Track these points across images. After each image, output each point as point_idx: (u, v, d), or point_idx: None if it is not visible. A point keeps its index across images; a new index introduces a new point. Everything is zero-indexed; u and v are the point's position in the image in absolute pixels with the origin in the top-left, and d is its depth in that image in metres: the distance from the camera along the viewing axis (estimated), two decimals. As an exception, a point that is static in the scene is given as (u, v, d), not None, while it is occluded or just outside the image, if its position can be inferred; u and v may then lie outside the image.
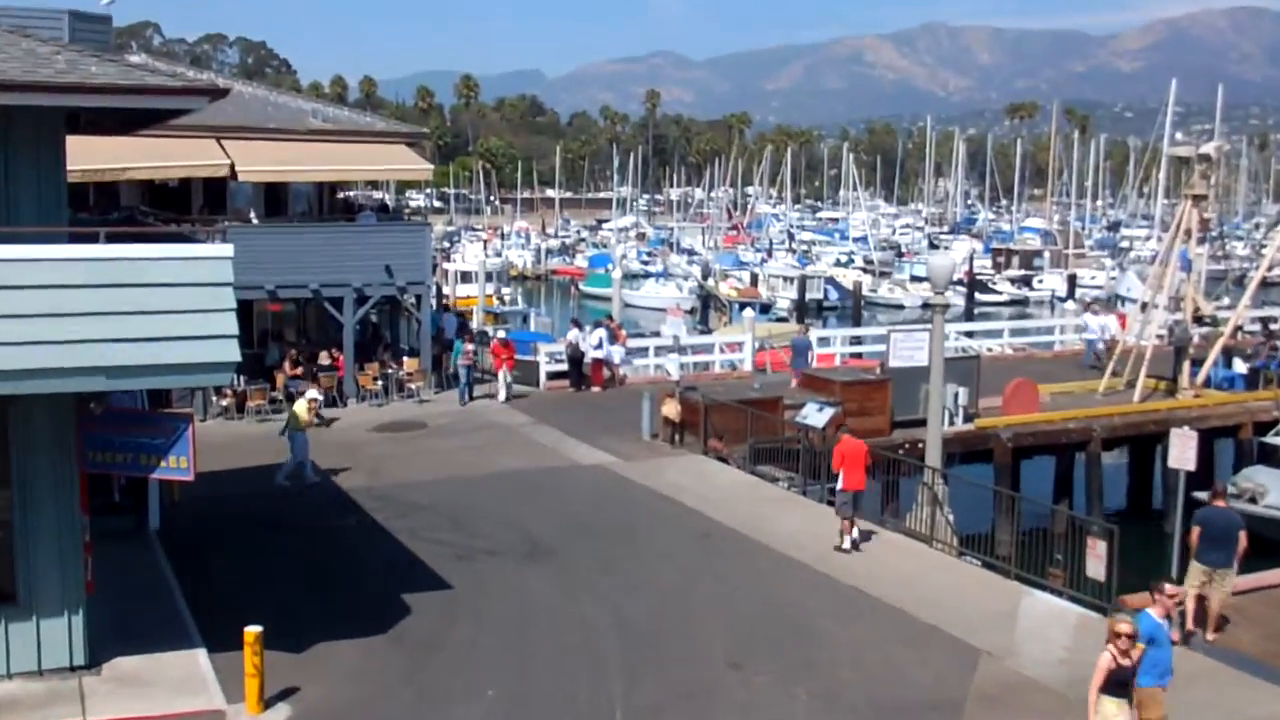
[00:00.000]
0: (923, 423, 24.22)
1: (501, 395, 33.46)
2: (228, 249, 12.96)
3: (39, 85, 12.51)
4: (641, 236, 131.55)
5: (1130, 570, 17.60)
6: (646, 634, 16.38)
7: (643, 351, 40.46)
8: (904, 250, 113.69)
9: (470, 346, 33.85)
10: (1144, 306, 34.60)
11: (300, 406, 25.35)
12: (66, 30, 19.43)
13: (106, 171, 29.53)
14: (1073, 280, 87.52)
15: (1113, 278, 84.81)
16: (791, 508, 23.04)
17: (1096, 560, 17.30)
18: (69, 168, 14.07)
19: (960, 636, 16.30)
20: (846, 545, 20.16)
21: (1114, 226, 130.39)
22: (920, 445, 24.55)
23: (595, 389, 35.52)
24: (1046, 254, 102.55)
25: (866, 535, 20.85)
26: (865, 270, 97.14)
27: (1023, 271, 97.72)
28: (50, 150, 13.66)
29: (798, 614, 17.22)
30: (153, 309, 12.25)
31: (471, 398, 33.34)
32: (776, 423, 26.76)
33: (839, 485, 20.49)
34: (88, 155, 25.08)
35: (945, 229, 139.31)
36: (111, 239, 12.92)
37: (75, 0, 21.31)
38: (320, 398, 28.44)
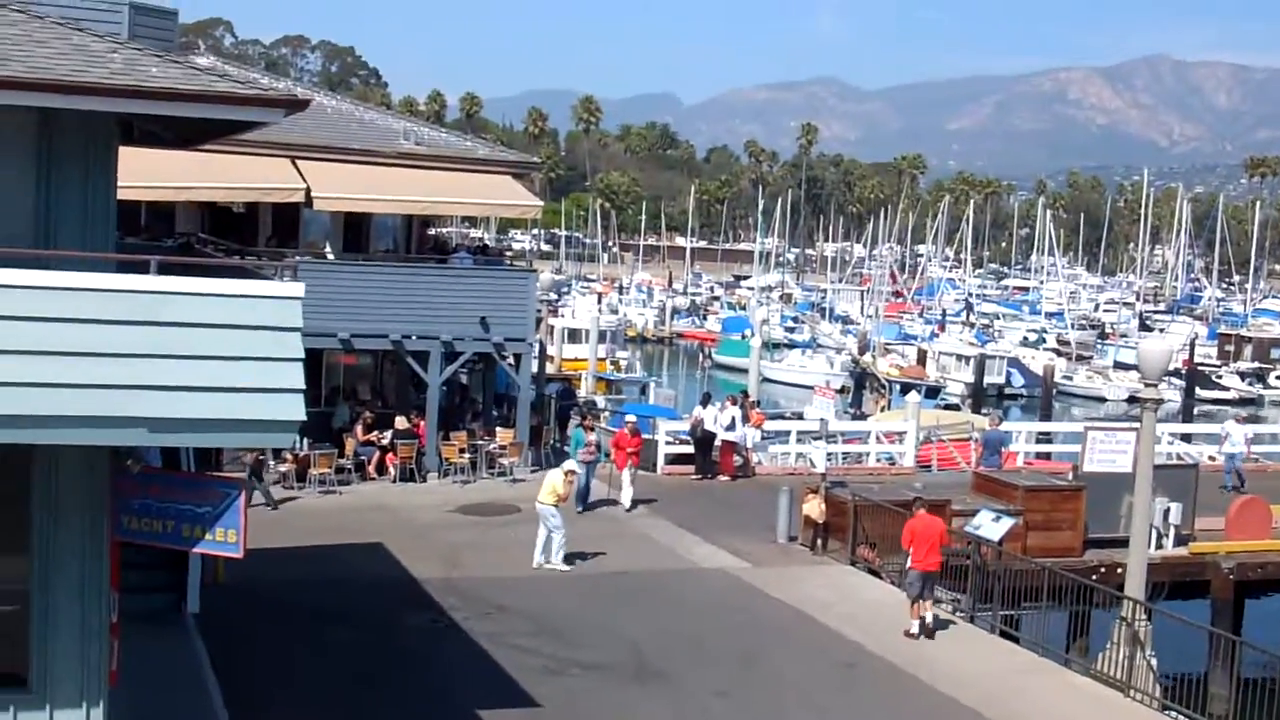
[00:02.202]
0: (1124, 543, 23.66)
1: (625, 500, 31.70)
2: (298, 288, 13.05)
3: (89, 87, 12.80)
4: (787, 298, 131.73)
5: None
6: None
7: (783, 436, 40.26)
8: (1108, 331, 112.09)
9: (593, 438, 32.79)
10: None
11: (557, 478, 26.21)
12: (126, 24, 20.00)
13: (163, 190, 30.35)
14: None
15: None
16: (956, 636, 22.64)
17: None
18: (120, 184, 14.42)
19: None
20: (915, 630, 21.67)
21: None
22: (1119, 571, 23.98)
23: (723, 478, 35.43)
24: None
25: (943, 624, 22.27)
26: (1059, 353, 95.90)
27: (1257, 364, 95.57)
28: (100, 163, 13.97)
29: (958, 769, 16.84)
30: (206, 354, 12.38)
31: (587, 505, 31.32)
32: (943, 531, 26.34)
33: (908, 563, 22.27)
34: (142, 171, 25.75)
35: (1161, 307, 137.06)
36: (164, 270, 13.13)
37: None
38: (578, 470, 28.95)
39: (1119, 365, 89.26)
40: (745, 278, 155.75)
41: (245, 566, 16.75)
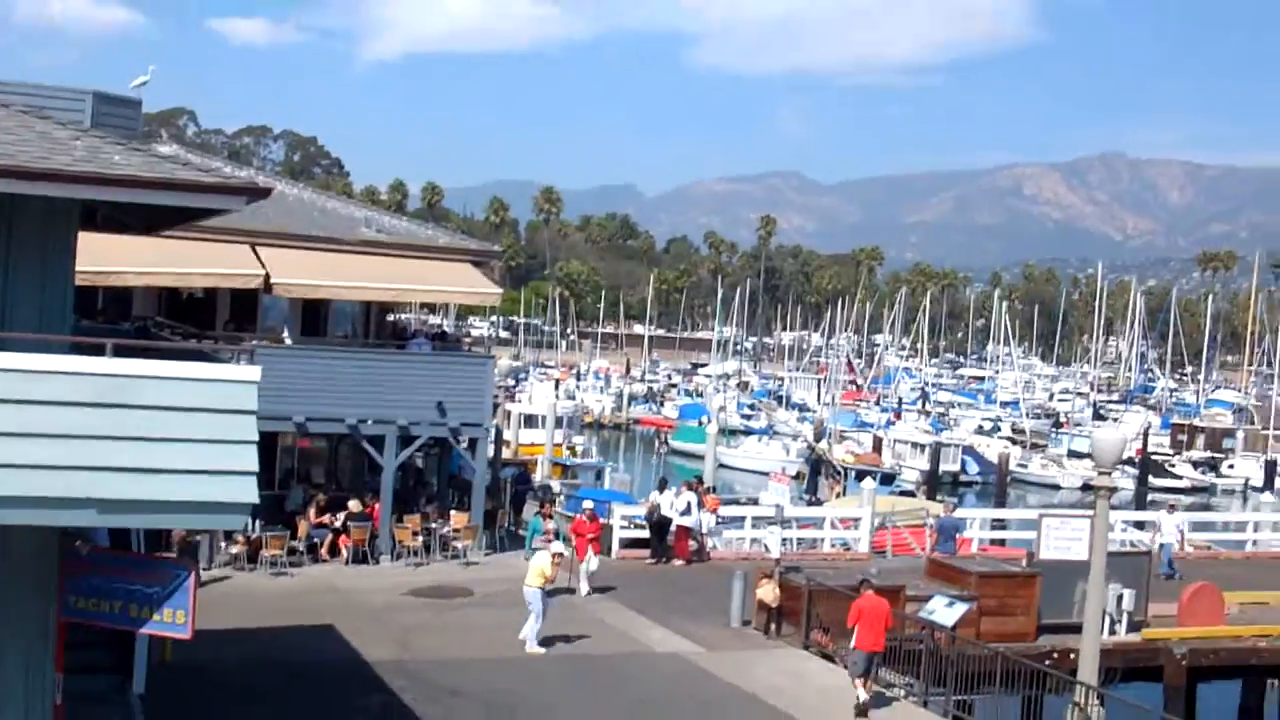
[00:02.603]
0: (1077, 629, 23.80)
1: (583, 588, 31.25)
2: (254, 372, 13.15)
3: (51, 174, 12.93)
4: (744, 386, 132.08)
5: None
6: None
7: (738, 521, 40.28)
8: (1063, 419, 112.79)
9: (551, 525, 32.32)
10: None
11: (544, 561, 26.36)
12: (90, 113, 20.20)
13: (122, 275, 30.35)
14: (1272, 467, 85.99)
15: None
16: (908, 722, 22.63)
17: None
18: (79, 268, 14.50)
19: None
20: (864, 698, 22.26)
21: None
22: (1072, 656, 24.09)
23: (678, 562, 35.41)
24: (1241, 434, 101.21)
25: (887, 703, 22.52)
26: (1014, 441, 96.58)
27: (1209, 454, 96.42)
28: (59, 248, 14.08)
29: None
30: (161, 435, 12.43)
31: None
32: (896, 617, 26.40)
33: (852, 643, 22.74)
34: (100, 255, 25.83)
35: (1115, 397, 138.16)
36: (120, 352, 13.21)
37: (103, 80, 22.27)
38: (564, 552, 28.95)
39: (1073, 454, 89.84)
40: (703, 365, 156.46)
41: (194, 647, 16.70)
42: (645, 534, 36.32)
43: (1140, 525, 46.77)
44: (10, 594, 13.65)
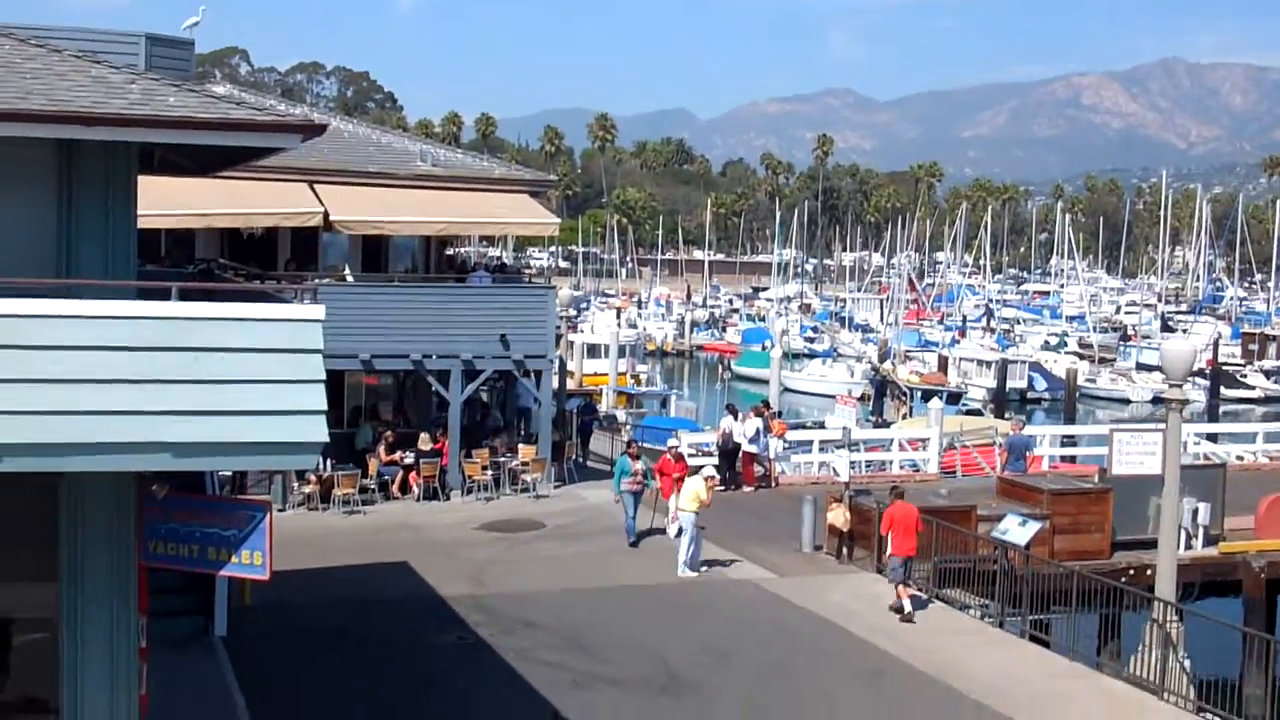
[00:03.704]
0: (1152, 544, 23.61)
1: (672, 529, 29.23)
2: (318, 310, 13.14)
3: (109, 118, 12.93)
4: (806, 309, 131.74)
5: None
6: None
7: (805, 446, 40.22)
8: (1131, 332, 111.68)
9: (639, 466, 30.25)
10: None
11: (698, 485, 26.90)
12: (143, 56, 20.22)
13: (183, 218, 30.55)
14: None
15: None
16: (985, 642, 22.62)
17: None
18: (140, 212, 14.53)
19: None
20: (908, 606, 23.41)
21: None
22: (1149, 573, 23.90)
23: (747, 489, 35.40)
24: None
25: (920, 603, 23.97)
26: (1081, 356, 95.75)
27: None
28: (120, 192, 14.09)
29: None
30: (228, 378, 12.44)
31: (637, 537, 29.74)
32: (968, 538, 26.30)
33: (888, 550, 24.30)
34: (162, 199, 25.96)
35: (1183, 308, 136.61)
36: (185, 296, 13.24)
37: (155, 23, 22.23)
38: (715, 476, 29.19)
39: (1142, 367, 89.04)
40: (764, 289, 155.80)
41: (272, 588, 16.85)
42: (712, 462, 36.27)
43: (1213, 438, 46.36)
44: (91, 541, 13.79)
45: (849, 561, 27.74)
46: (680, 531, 27.79)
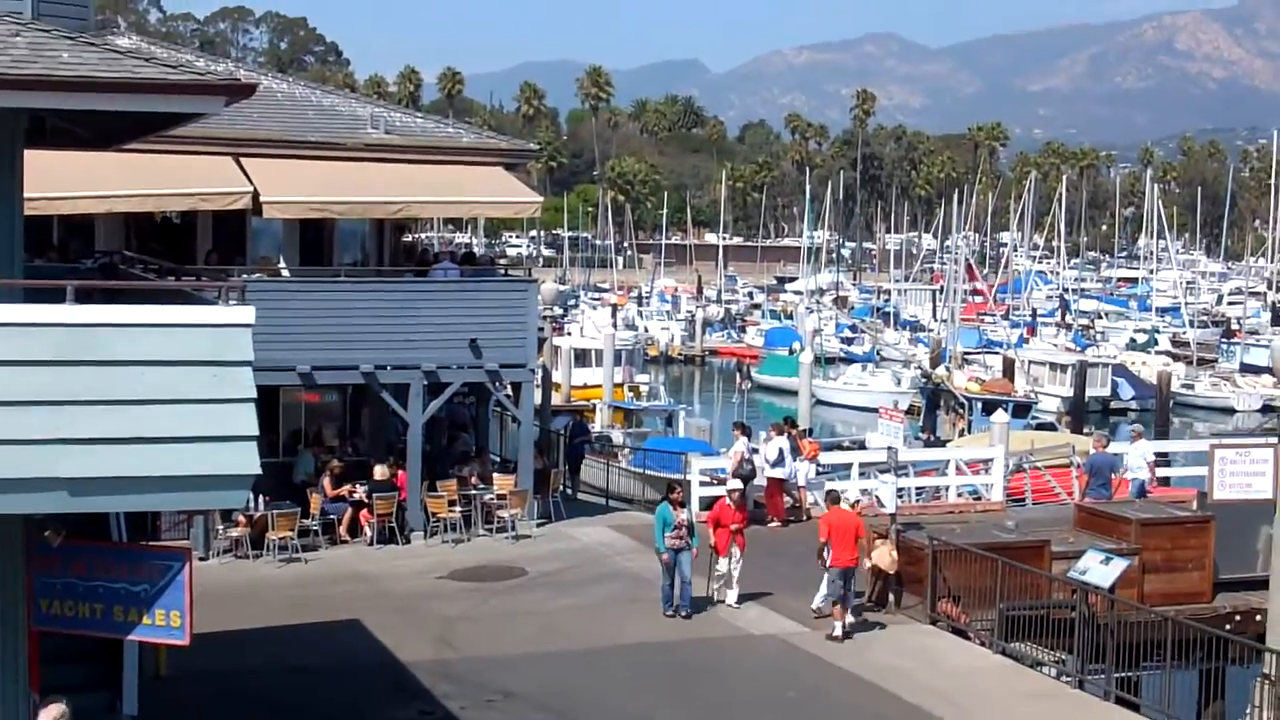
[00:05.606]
0: (1263, 584, 23.59)
1: (730, 596, 28.22)
2: (247, 313, 13.09)
3: (-12, 79, 12.91)
4: (842, 303, 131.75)
5: None
6: None
7: (842, 470, 40.15)
8: (1235, 327, 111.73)
9: (684, 516, 27.94)
10: None
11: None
12: (30, 4, 20.18)
13: (80, 201, 30.44)
14: None
15: None
16: (1062, 707, 22.62)
17: None
18: (27, 195, 14.50)
19: None
20: (838, 633, 24.79)
21: None
22: (1259, 619, 23.91)
23: (773, 523, 35.38)
24: None
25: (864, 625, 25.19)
26: (1175, 356, 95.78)
27: None
28: (4, 171, 14.07)
29: None
30: (137, 398, 12.38)
31: (679, 605, 27.78)
32: (1040, 579, 26.28)
33: (827, 561, 25.66)
34: (54, 178, 25.94)
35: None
36: (83, 297, 13.18)
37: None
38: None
39: (1248, 369, 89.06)
40: (790, 280, 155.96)
41: (192, 655, 16.77)
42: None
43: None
44: (-32, 599, 13.71)
45: (896, 610, 27.72)
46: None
